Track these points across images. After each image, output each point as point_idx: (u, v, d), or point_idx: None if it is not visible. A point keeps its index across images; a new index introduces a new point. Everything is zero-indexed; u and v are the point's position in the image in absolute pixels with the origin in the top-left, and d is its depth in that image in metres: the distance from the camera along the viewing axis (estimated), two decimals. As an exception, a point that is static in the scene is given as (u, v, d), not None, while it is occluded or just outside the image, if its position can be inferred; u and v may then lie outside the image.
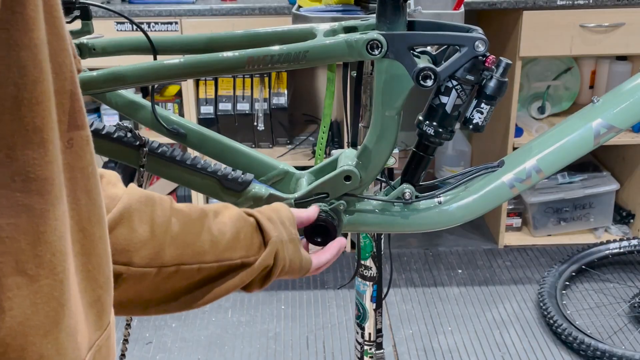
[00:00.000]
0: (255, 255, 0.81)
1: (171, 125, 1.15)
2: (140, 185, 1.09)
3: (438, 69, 0.98)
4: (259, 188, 1.07)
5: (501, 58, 1.01)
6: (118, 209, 0.70)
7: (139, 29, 1.10)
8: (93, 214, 0.48)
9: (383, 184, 1.18)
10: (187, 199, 2.77)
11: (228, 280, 0.79)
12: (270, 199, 1.07)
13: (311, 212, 0.99)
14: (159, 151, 1.06)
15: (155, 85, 1.20)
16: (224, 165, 1.09)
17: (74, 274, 0.46)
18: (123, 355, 1.15)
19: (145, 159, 1.05)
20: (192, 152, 1.35)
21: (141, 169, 1.06)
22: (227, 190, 1.07)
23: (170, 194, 2.83)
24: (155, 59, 1.11)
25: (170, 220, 0.75)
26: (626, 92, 1.05)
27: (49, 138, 0.41)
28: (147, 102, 1.19)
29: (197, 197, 2.72)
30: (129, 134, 1.06)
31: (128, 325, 1.17)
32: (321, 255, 0.94)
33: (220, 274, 0.79)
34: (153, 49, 1.11)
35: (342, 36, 1.01)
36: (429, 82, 0.98)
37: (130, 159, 1.07)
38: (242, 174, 1.07)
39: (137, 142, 1.05)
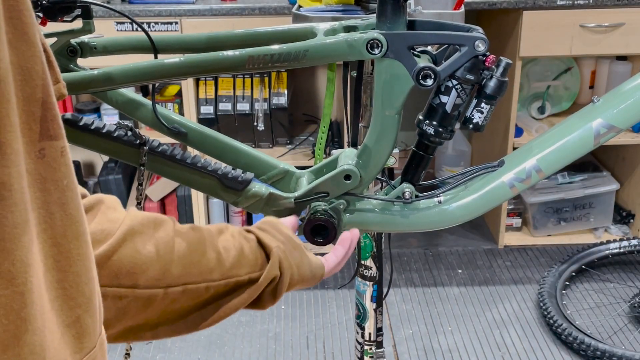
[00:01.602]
0: (261, 270, 0.80)
1: (172, 124, 1.15)
2: (140, 184, 1.09)
3: (438, 69, 0.98)
4: (259, 187, 1.07)
5: (501, 58, 1.01)
6: (121, 231, 0.69)
7: (140, 28, 1.10)
8: (69, 230, 0.47)
9: (383, 184, 1.18)
10: (187, 198, 2.76)
11: (236, 297, 0.79)
12: (271, 198, 1.07)
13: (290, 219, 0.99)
14: (159, 150, 1.06)
15: (156, 85, 1.20)
16: (223, 164, 1.09)
17: (42, 289, 0.45)
18: (127, 354, 1.15)
19: (146, 158, 1.05)
20: (192, 151, 1.35)
21: (141, 167, 1.05)
22: (227, 189, 1.06)
23: (170, 193, 2.83)
24: (156, 57, 1.11)
25: (174, 240, 0.74)
26: (626, 92, 1.05)
27: (6, 141, 0.40)
28: (147, 101, 1.18)
29: (197, 196, 2.72)
30: (129, 133, 1.05)
31: None
32: (335, 252, 0.93)
33: (227, 292, 0.78)
34: (154, 48, 1.11)
35: (342, 35, 1.01)
36: (429, 82, 0.98)
37: (131, 157, 1.07)
38: (242, 172, 1.07)
39: (138, 141, 1.05)
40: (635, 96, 1.04)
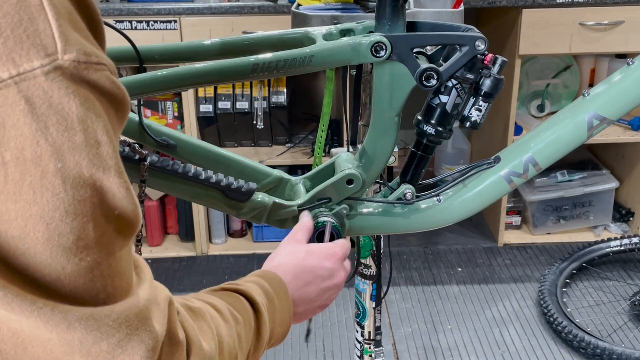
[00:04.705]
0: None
1: (160, 137, 1.07)
2: (141, 202, 1.04)
3: (441, 69, 0.98)
4: (262, 197, 1.05)
5: (497, 56, 1.02)
6: None
7: (126, 39, 0.99)
8: None
9: (380, 185, 1.18)
10: (188, 211, 2.74)
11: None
12: (274, 207, 1.05)
13: (305, 220, 0.99)
14: (160, 165, 1.00)
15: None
16: (223, 176, 1.04)
17: None
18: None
19: (147, 174, 0.98)
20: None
21: (142, 184, 0.99)
22: (230, 201, 1.03)
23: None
24: (141, 68, 1.04)
25: None
26: (614, 84, 1.07)
27: None
28: (131, 114, 1.10)
29: (198, 209, 2.71)
30: (127, 149, 0.98)
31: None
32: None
33: None
34: (139, 57, 1.03)
35: (346, 39, 1.01)
36: (432, 82, 0.98)
37: (129, 174, 1.00)
38: (245, 183, 1.03)
39: (137, 157, 0.97)
40: (622, 87, 1.05)
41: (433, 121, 1.04)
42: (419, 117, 1.06)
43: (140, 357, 0.52)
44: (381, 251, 1.39)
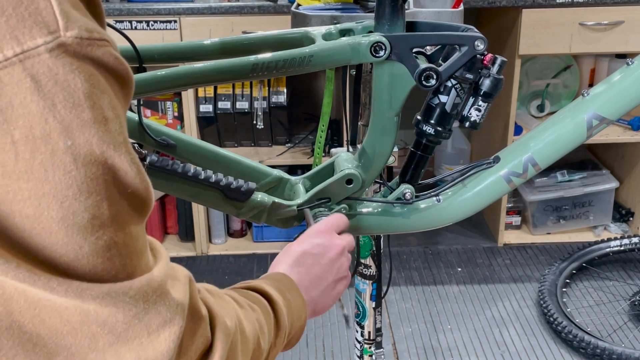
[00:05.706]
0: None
1: (159, 136, 1.07)
2: None
3: (440, 69, 0.98)
4: (261, 197, 1.05)
5: (496, 56, 1.02)
6: None
7: (126, 38, 1.00)
8: None
9: (380, 185, 1.18)
10: (188, 211, 2.74)
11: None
12: (274, 207, 1.05)
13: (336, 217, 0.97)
14: (159, 165, 0.99)
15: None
16: (223, 175, 1.04)
17: None
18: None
19: (146, 174, 0.99)
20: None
21: None
22: (229, 201, 1.03)
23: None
24: (141, 68, 1.03)
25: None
26: (614, 84, 1.07)
27: None
28: (130, 113, 1.07)
29: (198, 209, 2.71)
30: None
31: None
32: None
33: None
34: (139, 57, 1.03)
35: (345, 39, 1.01)
36: (432, 82, 0.98)
37: None
38: (244, 182, 1.03)
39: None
40: (622, 88, 1.05)
41: (432, 121, 1.04)
42: (419, 117, 1.06)
43: (157, 326, 0.52)
44: (381, 251, 1.39)
